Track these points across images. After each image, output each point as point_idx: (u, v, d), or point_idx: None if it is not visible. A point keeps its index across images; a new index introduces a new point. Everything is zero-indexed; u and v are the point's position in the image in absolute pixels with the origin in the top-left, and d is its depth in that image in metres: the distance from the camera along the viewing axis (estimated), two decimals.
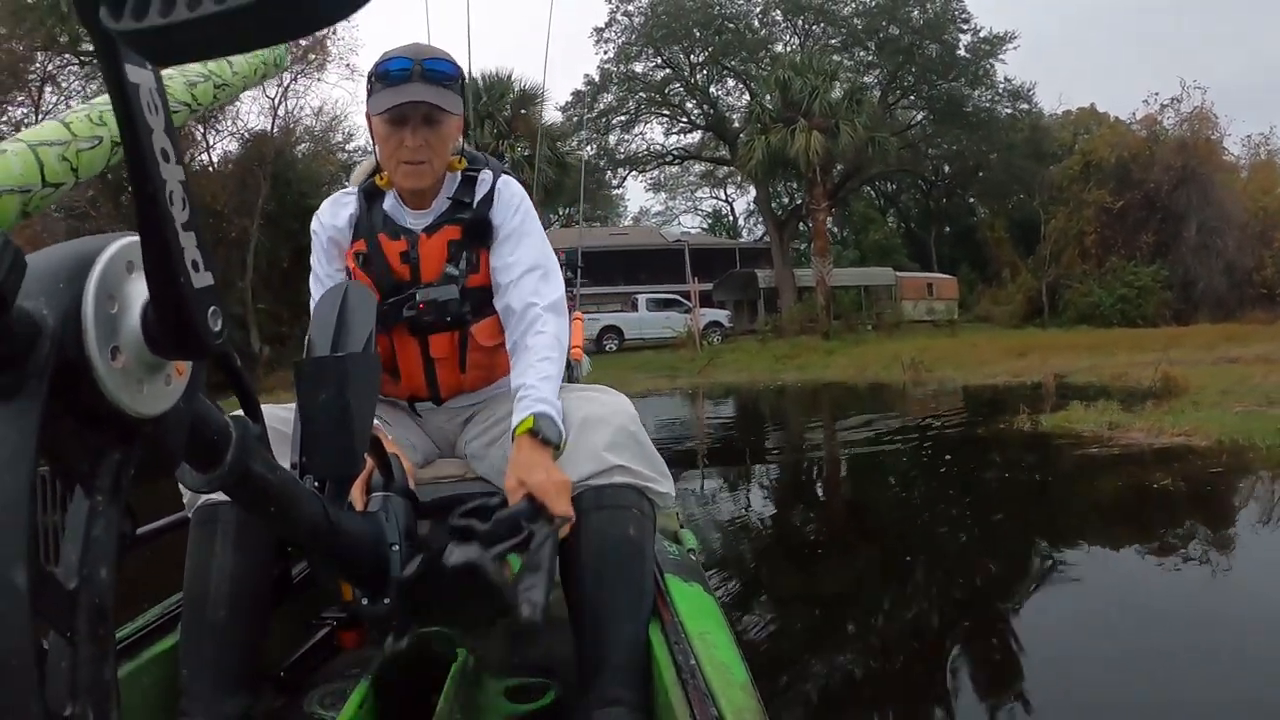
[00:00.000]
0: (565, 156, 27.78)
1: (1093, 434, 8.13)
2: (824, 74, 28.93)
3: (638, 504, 1.57)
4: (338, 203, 1.98)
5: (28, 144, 0.72)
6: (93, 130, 0.75)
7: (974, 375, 15.58)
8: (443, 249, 1.87)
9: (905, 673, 3.48)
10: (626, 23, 35.66)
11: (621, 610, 1.47)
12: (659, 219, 54.97)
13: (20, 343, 0.59)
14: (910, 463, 8.58)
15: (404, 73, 1.77)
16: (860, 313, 31.43)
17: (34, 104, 27.21)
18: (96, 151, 0.75)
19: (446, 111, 1.79)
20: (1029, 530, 5.65)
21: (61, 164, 0.72)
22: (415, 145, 1.79)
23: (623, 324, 31.49)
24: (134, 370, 0.65)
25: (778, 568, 5.08)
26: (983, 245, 38.82)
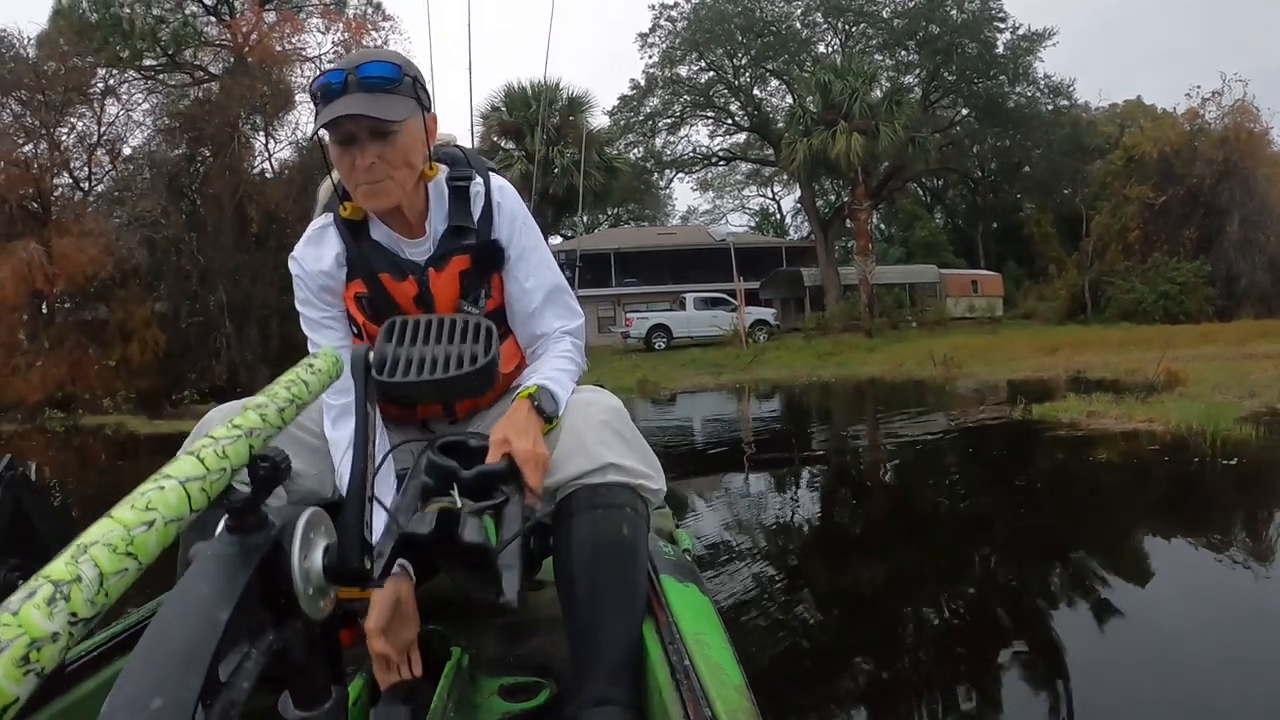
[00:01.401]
0: (612, 161, 28.78)
1: (1070, 421, 9.11)
2: (864, 76, 29.48)
3: (631, 503, 1.56)
4: (316, 242, 1.82)
5: (178, 480, 0.83)
6: (219, 464, 0.88)
7: (1000, 371, 16.28)
8: (455, 283, 1.77)
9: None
10: (670, 28, 36.72)
11: (614, 609, 1.48)
12: (706, 218, 55.81)
13: (260, 526, 0.95)
14: (905, 439, 10.06)
15: (338, 85, 1.59)
16: (901, 310, 31.87)
17: (96, 117, 28.93)
18: (220, 481, 0.89)
19: (399, 112, 1.61)
20: (973, 486, 7.36)
21: (200, 495, 0.84)
22: (366, 165, 1.61)
23: (671, 322, 32.53)
24: (313, 579, 0.99)
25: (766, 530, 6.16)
26: (1029, 241, 39.09)
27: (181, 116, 28.54)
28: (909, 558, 5.22)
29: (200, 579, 0.90)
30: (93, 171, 29.45)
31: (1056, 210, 38.14)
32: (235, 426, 0.92)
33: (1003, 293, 35.96)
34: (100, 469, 12.52)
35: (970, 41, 34.46)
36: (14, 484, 1.03)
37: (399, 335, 1.20)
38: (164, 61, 30.61)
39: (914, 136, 30.34)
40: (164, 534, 0.75)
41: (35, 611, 0.60)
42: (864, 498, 7.33)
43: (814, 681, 3.40)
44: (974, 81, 35.55)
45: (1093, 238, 30.74)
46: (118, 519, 0.72)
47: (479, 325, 1.22)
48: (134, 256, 24.82)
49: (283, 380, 1.08)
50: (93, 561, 0.67)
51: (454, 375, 1.13)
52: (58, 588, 0.63)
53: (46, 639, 0.59)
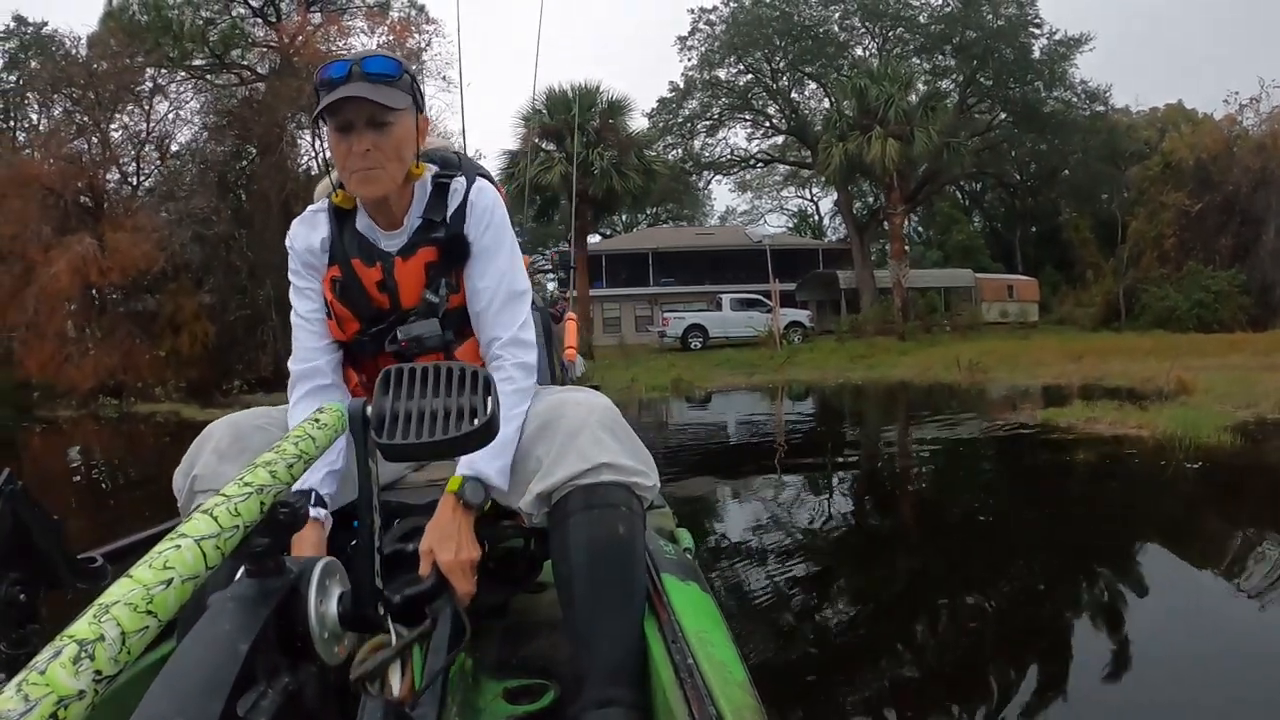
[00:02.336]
0: (651, 163, 29.40)
1: (1067, 425, 9.80)
2: (899, 81, 29.85)
3: (626, 502, 1.58)
4: (309, 224, 1.95)
5: (193, 538, 0.84)
6: (232, 521, 0.90)
7: (1023, 377, 16.73)
8: (420, 273, 1.85)
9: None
10: (709, 31, 37.28)
11: (614, 610, 1.49)
12: (745, 218, 56.26)
13: (278, 571, 1.07)
14: (910, 435, 11.42)
15: (342, 75, 1.72)
16: (935, 315, 32.17)
17: (145, 114, 30.08)
18: (234, 538, 0.91)
19: (392, 109, 1.73)
20: (947, 478, 8.54)
21: (215, 552, 0.86)
22: (362, 150, 1.72)
23: (707, 323, 33.22)
24: (328, 624, 1.10)
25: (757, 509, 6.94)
26: (1067, 246, 39.10)
27: (229, 115, 29.55)
28: (859, 529, 6.34)
29: (221, 616, 1.00)
30: (141, 167, 30.57)
31: (1095, 215, 38.12)
32: (247, 484, 0.97)
33: (1038, 298, 36.09)
34: (165, 453, 13.14)
35: (1006, 47, 34.66)
36: (13, 497, 1.05)
37: (395, 387, 1.22)
38: (212, 62, 31.58)
39: (949, 142, 30.73)
40: (181, 591, 0.79)
41: (62, 671, 0.64)
42: (846, 487, 8.28)
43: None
44: (1010, 86, 35.70)
45: (1128, 244, 30.74)
46: (137, 579, 0.76)
47: (476, 374, 1.24)
48: (186, 252, 25.75)
49: (291, 436, 1.14)
50: (115, 621, 0.70)
51: (454, 436, 1.17)
52: (83, 647, 0.66)
53: (74, 697, 0.63)
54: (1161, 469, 7.35)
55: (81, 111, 29.50)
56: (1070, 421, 9.90)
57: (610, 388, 17.18)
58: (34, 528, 1.04)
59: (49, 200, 26.68)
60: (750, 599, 4.54)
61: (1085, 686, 3.39)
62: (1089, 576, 4.78)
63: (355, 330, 1.90)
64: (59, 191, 27.03)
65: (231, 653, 0.94)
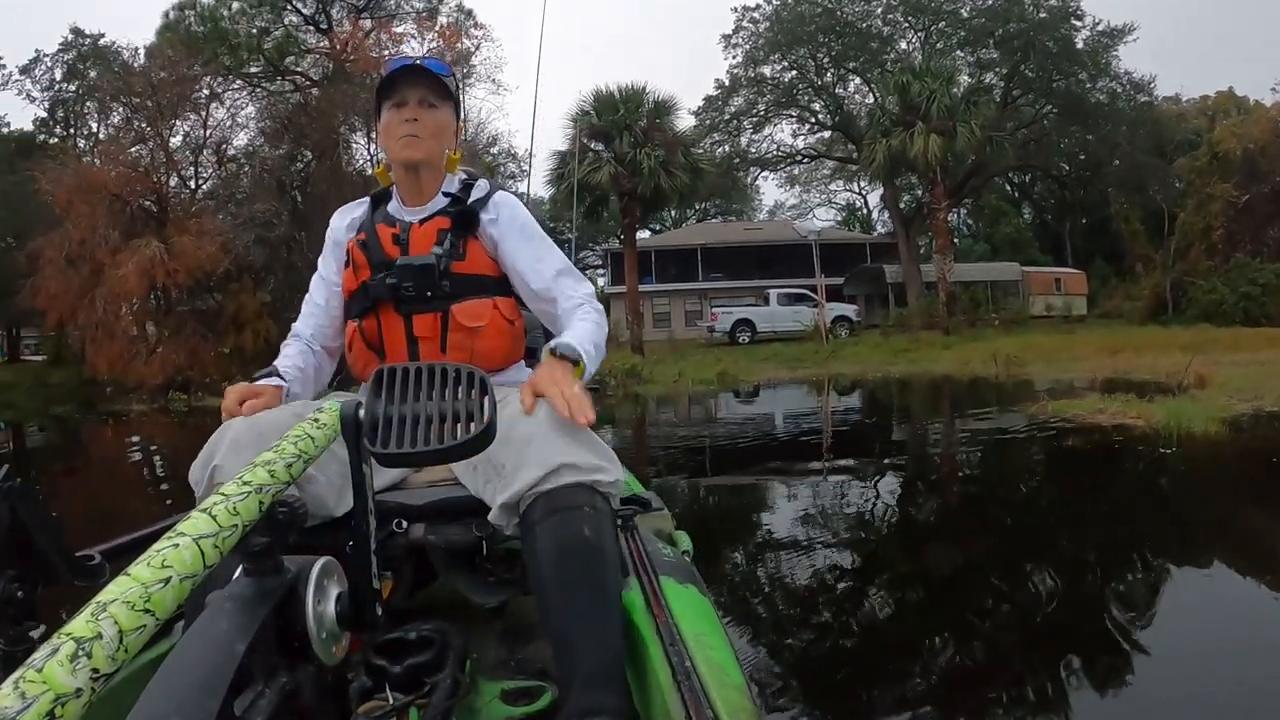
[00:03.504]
0: (697, 161, 30.17)
1: (1074, 415, 10.54)
2: (942, 77, 30.21)
3: (589, 501, 1.56)
4: (348, 210, 2.26)
5: (191, 537, 0.85)
6: (230, 520, 0.92)
7: (1056, 371, 17.12)
8: (431, 235, 2.05)
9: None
10: (753, 29, 38.06)
11: (588, 614, 1.46)
12: (793, 213, 56.50)
13: (276, 570, 1.10)
14: (923, 425, 12.76)
15: (404, 67, 2.06)
16: (979, 309, 32.37)
17: (202, 120, 31.56)
18: (233, 537, 0.92)
19: (441, 97, 2.10)
20: (942, 457, 9.66)
21: (213, 551, 0.87)
22: (411, 118, 2.05)
23: (754, 317, 34.18)
24: (326, 624, 1.13)
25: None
26: (1117, 238, 38.92)
27: (285, 120, 30.82)
28: (852, 496, 7.34)
29: (220, 615, 1.01)
30: (199, 171, 32.03)
31: (1144, 206, 37.77)
32: (246, 483, 0.99)
33: (1086, 291, 36.10)
34: None
35: (1049, 39, 34.78)
36: (12, 495, 1.06)
37: (388, 389, 1.21)
38: (266, 69, 32.89)
39: (992, 136, 30.90)
40: (179, 590, 0.80)
41: (59, 669, 0.65)
42: (846, 470, 9.17)
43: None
44: (1054, 79, 35.81)
45: (1176, 236, 30.60)
46: (135, 577, 0.78)
47: (473, 375, 1.23)
48: (250, 253, 27.00)
49: (290, 436, 1.15)
50: (112, 619, 0.72)
51: (450, 446, 1.16)
52: (80, 645, 0.68)
53: (70, 695, 0.64)
54: (1138, 454, 8.06)
55: (142, 119, 30.99)
56: (1077, 413, 10.57)
57: (658, 381, 18.23)
58: (33, 525, 1.08)
59: (115, 206, 28.20)
60: (757, 573, 5.23)
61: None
62: (1025, 545, 5.64)
63: (366, 276, 2.06)
64: (124, 197, 28.50)
65: (229, 652, 0.96)
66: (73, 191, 27.64)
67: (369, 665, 1.46)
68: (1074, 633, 3.85)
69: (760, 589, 4.81)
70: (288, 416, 1.70)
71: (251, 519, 0.97)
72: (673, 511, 2.34)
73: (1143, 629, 3.86)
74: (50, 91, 42.46)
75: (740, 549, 5.73)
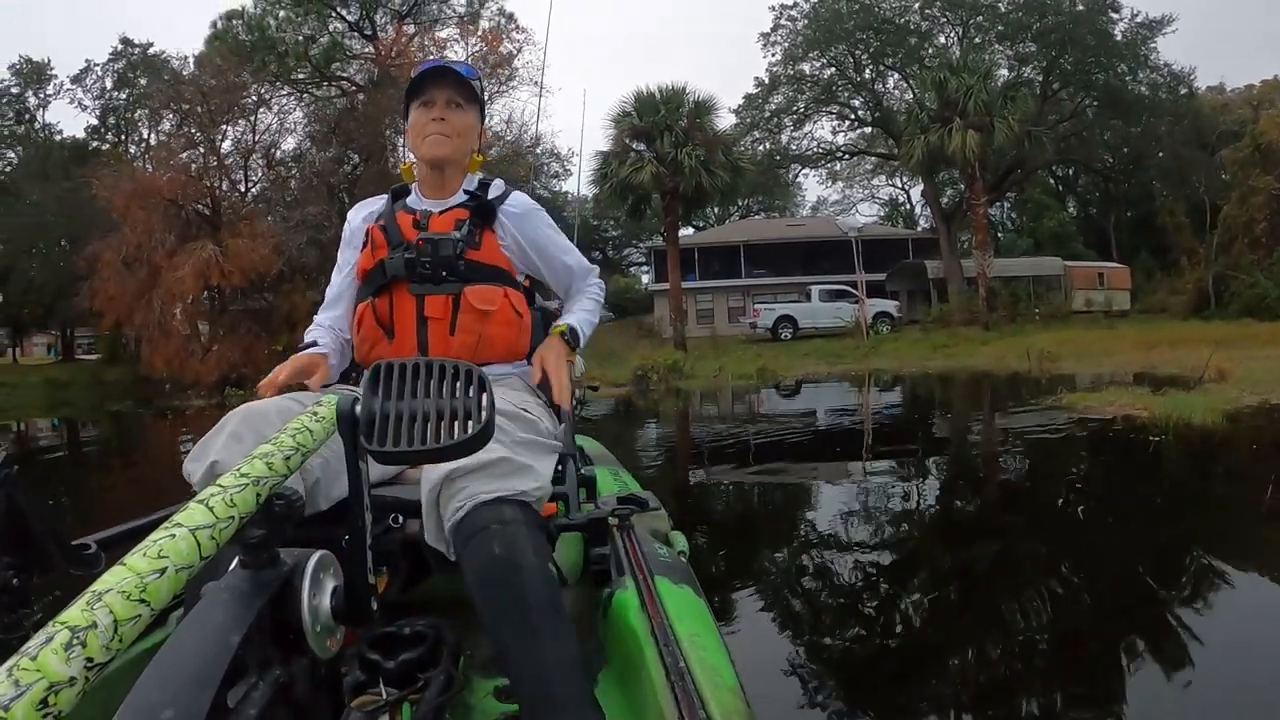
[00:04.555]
0: (737, 160, 30.77)
1: (1085, 407, 11.15)
2: (979, 73, 30.43)
3: (495, 517, 1.51)
4: (365, 205, 2.37)
5: (188, 528, 0.86)
6: (227, 512, 0.93)
7: (1087, 365, 17.51)
8: (450, 223, 2.15)
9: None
10: (791, 27, 38.88)
11: (524, 634, 1.42)
12: (836, 208, 56.90)
13: (272, 563, 1.10)
14: (941, 414, 13.90)
15: (435, 69, 2.20)
16: (1019, 304, 32.51)
17: (251, 125, 32.82)
18: (229, 529, 0.93)
19: (468, 100, 2.22)
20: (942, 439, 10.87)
21: (210, 542, 0.88)
22: (439, 115, 2.17)
23: (796, 313, 34.85)
24: (321, 617, 1.13)
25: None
26: (1162, 232, 38.84)
27: (331, 123, 31.89)
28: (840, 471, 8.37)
29: (215, 607, 1.03)
30: (248, 175, 33.32)
31: (1189, 199, 37.85)
32: (243, 475, 1.00)
33: (1129, 285, 35.99)
34: None
35: (1087, 31, 35.04)
36: (8, 482, 1.07)
37: (385, 386, 1.19)
38: (313, 75, 34.00)
39: (1030, 131, 31.11)
40: (175, 581, 0.81)
41: (53, 657, 0.66)
42: (857, 442, 10.40)
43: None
44: (1093, 71, 36.11)
45: (1219, 229, 30.78)
46: (131, 567, 0.79)
47: (470, 372, 1.22)
48: (303, 255, 28.06)
49: (289, 429, 1.18)
50: (108, 608, 0.72)
51: (446, 445, 1.14)
52: (75, 634, 0.68)
53: (64, 683, 0.65)
54: (1129, 441, 8.82)
55: (192, 125, 32.27)
56: (1089, 405, 11.13)
57: (699, 376, 18.99)
58: (29, 513, 1.09)
59: (171, 210, 29.59)
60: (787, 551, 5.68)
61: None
62: (983, 518, 6.36)
63: (384, 255, 2.15)
64: (179, 202, 29.71)
65: (223, 644, 0.97)
66: (129, 197, 29.10)
67: (363, 660, 1.51)
68: (1017, 596, 4.37)
69: (777, 582, 4.98)
70: (287, 408, 1.74)
71: (248, 511, 0.99)
72: (669, 511, 2.35)
73: (1051, 585, 4.48)
74: (101, 99, 44.31)
75: (744, 543, 6.08)
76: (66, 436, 19.87)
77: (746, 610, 4.23)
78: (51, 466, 12.97)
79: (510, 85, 35.11)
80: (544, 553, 1.55)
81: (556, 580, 1.55)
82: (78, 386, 35.65)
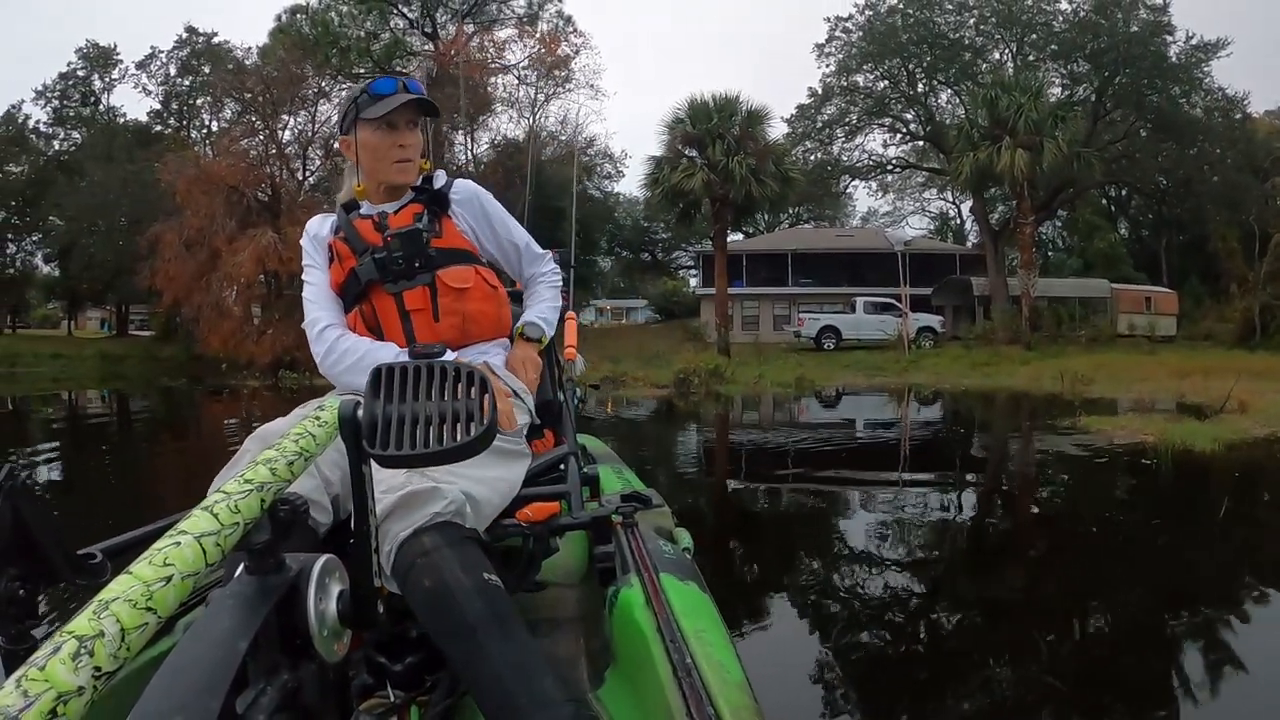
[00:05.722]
0: (787, 171, 31.37)
1: (1097, 430, 11.77)
2: (1030, 91, 30.64)
3: (418, 551, 1.51)
4: (321, 220, 2.36)
5: (193, 535, 0.86)
6: (232, 518, 0.93)
7: (1117, 390, 18.31)
8: (408, 218, 2.19)
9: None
10: (845, 39, 39.46)
11: (475, 654, 1.42)
12: (886, 219, 57.45)
13: (278, 568, 1.10)
14: (954, 430, 14.94)
15: (393, 89, 2.19)
16: (1063, 326, 32.66)
17: (310, 116, 34.09)
18: (234, 535, 0.93)
19: (419, 115, 2.27)
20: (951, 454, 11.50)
21: (215, 549, 0.87)
22: (407, 144, 2.22)
23: (841, 324, 35.35)
24: (328, 622, 1.14)
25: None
26: (1213, 257, 38.24)
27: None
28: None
29: (221, 613, 1.03)
30: (306, 165, 34.52)
31: (1241, 225, 37.24)
32: (247, 481, 1.01)
33: (1177, 311, 35.88)
34: None
35: (1140, 52, 35.16)
36: (14, 493, 1.08)
37: (387, 389, 1.19)
38: (374, 71, 35.18)
39: (1080, 152, 31.39)
40: (181, 588, 0.81)
41: (61, 667, 0.66)
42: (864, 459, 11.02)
43: None
44: (1146, 93, 36.18)
45: (1268, 258, 30.63)
46: (137, 575, 0.79)
47: (472, 374, 1.21)
48: None
49: (292, 434, 1.18)
50: (114, 617, 0.73)
51: (449, 448, 1.15)
52: (82, 643, 0.69)
53: (73, 693, 0.66)
54: (1124, 464, 9.47)
55: (254, 114, 33.52)
56: (1101, 429, 11.71)
57: (739, 382, 19.84)
58: (34, 523, 1.11)
59: (232, 197, 30.78)
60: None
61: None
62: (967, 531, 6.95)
63: (353, 264, 2.18)
64: (240, 189, 30.92)
65: (231, 650, 0.97)
66: (191, 182, 30.44)
67: (370, 663, 1.54)
68: (1005, 614, 4.85)
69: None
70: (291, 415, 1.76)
71: (253, 517, 0.99)
72: (673, 509, 2.33)
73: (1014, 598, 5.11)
74: (164, 85, 45.90)
75: (742, 540, 6.70)
76: (164, 408, 21.28)
77: (767, 608, 4.77)
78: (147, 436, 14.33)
79: (566, 88, 36.04)
80: (474, 564, 1.53)
81: (495, 585, 1.51)
82: (132, 361, 37.20)
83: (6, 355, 38.17)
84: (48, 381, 30.07)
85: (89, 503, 7.87)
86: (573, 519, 1.92)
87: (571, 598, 2.25)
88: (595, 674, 1.72)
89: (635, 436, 13.55)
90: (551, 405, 2.64)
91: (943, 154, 39.00)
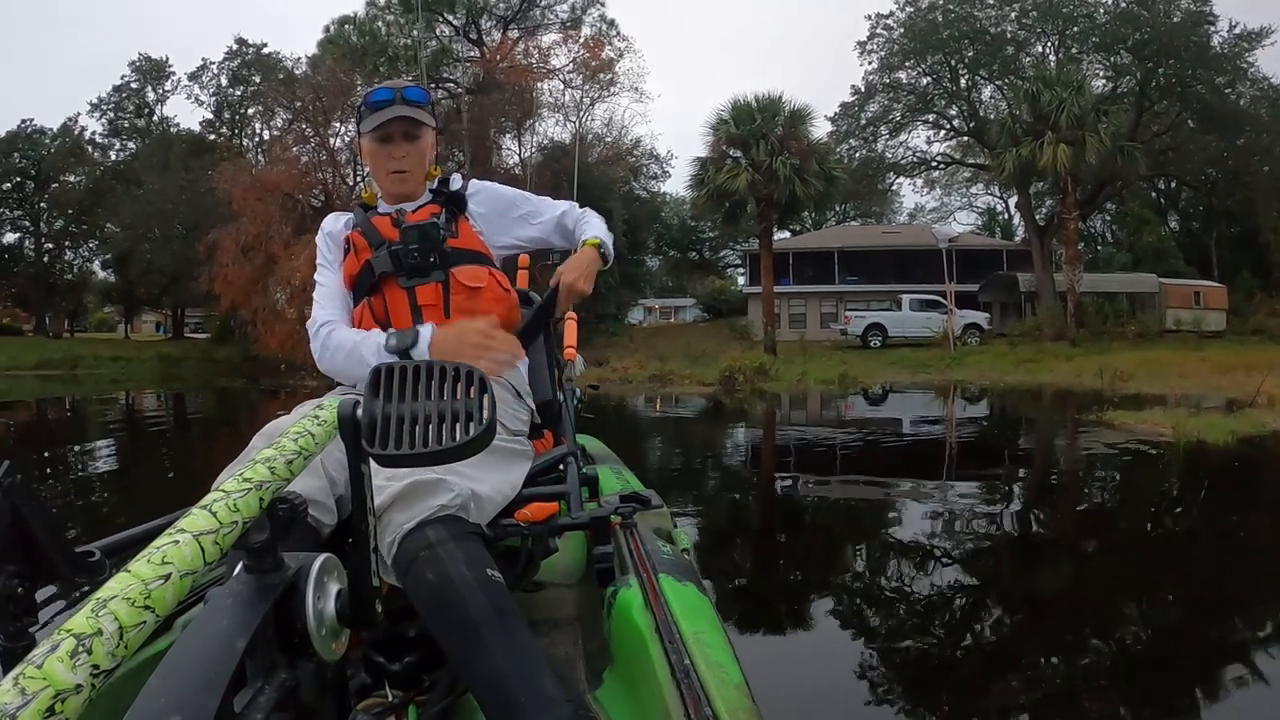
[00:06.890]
0: (830, 170, 31.82)
1: (1120, 423, 12.15)
2: (1072, 86, 30.64)
3: (422, 544, 1.52)
4: (338, 216, 2.42)
5: (192, 534, 0.86)
6: (231, 517, 0.93)
7: (1156, 386, 18.41)
8: (426, 216, 2.22)
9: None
10: (887, 36, 39.76)
11: (476, 650, 1.43)
12: (933, 215, 57.73)
13: (276, 567, 1.12)
14: (979, 422, 15.99)
15: (387, 100, 2.24)
16: (1108, 321, 32.32)
17: (356, 122, 35.30)
18: (233, 534, 0.93)
19: (422, 125, 2.29)
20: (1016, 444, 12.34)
21: (214, 548, 0.87)
22: (400, 156, 2.26)
23: (886, 322, 35.79)
24: (326, 621, 1.15)
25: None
26: (1265, 250, 38.48)
27: (438, 124, 34.39)
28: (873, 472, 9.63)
29: (220, 612, 1.04)
30: (357, 171, 35.71)
31: None
32: (246, 480, 1.01)
33: (1226, 305, 35.51)
34: None
35: (1183, 43, 35.02)
36: (13, 490, 1.07)
37: (386, 389, 1.20)
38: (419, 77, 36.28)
39: (1123, 146, 31.38)
40: (179, 587, 0.81)
41: (59, 665, 0.67)
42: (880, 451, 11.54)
43: None
44: (1190, 84, 36.01)
45: None
46: (135, 573, 0.79)
47: (471, 374, 1.22)
48: None
49: (291, 433, 1.18)
50: (112, 615, 0.73)
51: (449, 447, 1.16)
52: (80, 641, 0.69)
53: (70, 691, 0.66)
54: (1136, 454, 9.92)
55: (305, 123, 34.58)
56: (1124, 422, 12.06)
57: (783, 379, 20.56)
58: (33, 521, 1.10)
59: (288, 204, 31.89)
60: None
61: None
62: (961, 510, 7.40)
63: (369, 256, 2.21)
64: (294, 195, 32.02)
65: (229, 649, 0.98)
66: (247, 190, 31.66)
67: (368, 662, 1.56)
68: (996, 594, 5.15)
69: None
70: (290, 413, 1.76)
71: (252, 515, 0.99)
72: (672, 510, 2.33)
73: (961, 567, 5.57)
74: (216, 95, 47.48)
75: (737, 529, 7.08)
76: (218, 408, 22.11)
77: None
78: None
79: (611, 92, 36.72)
80: (478, 559, 1.53)
81: (498, 582, 1.52)
82: (189, 363, 38.55)
83: (68, 358, 39.78)
84: (108, 383, 31.19)
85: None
86: (571, 519, 1.92)
87: (570, 598, 2.28)
88: (593, 675, 1.72)
89: (679, 431, 14.38)
90: (551, 405, 2.62)
91: (987, 150, 39.02)
